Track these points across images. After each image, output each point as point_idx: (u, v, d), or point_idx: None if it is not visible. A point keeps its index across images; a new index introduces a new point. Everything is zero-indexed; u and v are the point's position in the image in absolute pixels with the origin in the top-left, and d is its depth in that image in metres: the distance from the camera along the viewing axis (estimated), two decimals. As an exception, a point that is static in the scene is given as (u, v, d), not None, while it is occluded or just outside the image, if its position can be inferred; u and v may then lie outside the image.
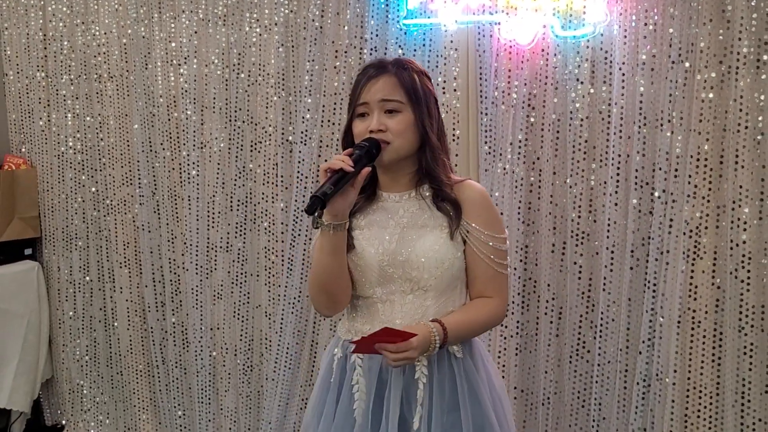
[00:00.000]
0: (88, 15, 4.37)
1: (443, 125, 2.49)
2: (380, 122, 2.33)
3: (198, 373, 4.36)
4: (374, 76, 2.38)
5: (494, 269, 2.38)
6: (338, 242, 2.33)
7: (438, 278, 2.35)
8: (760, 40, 3.01)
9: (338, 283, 2.39)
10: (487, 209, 2.41)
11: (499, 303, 2.42)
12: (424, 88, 2.39)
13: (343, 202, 2.27)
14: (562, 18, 3.37)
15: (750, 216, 3.06)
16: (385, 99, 2.34)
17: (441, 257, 2.34)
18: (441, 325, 2.27)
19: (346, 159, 2.24)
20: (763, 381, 3.13)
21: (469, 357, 2.41)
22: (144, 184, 4.33)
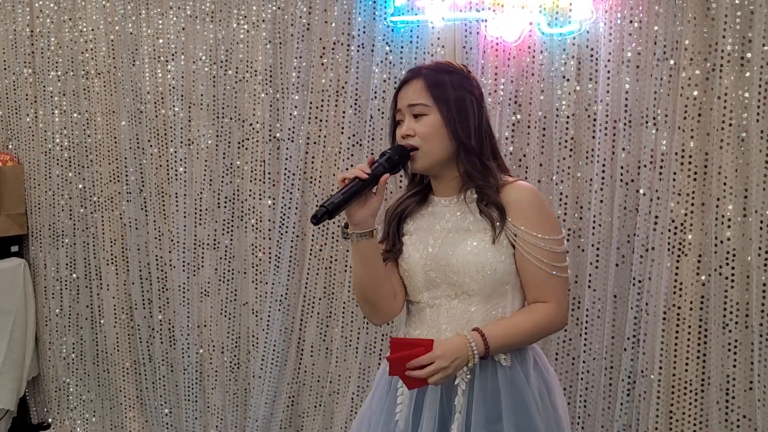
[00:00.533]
0: (75, 11, 4.37)
1: (487, 126, 2.37)
2: (409, 127, 2.31)
3: (185, 370, 4.35)
4: (405, 82, 2.36)
5: (546, 272, 2.27)
6: (367, 251, 2.31)
7: (480, 283, 2.28)
8: (744, 38, 3.03)
9: (376, 291, 2.38)
10: (536, 210, 2.29)
11: (555, 308, 2.31)
12: (457, 89, 2.31)
13: (365, 211, 2.26)
14: (548, 15, 3.38)
15: (734, 213, 3.07)
16: (412, 104, 2.31)
17: (481, 262, 2.27)
18: (481, 334, 2.21)
19: (363, 167, 2.23)
20: (747, 377, 3.14)
21: (518, 365, 2.32)
22: (131, 181, 4.33)
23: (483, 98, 2.39)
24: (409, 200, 2.46)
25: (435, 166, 2.35)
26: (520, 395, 2.29)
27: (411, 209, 2.45)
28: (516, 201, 2.28)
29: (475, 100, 2.34)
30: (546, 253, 2.27)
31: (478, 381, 2.29)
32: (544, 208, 2.33)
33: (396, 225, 2.45)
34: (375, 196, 2.26)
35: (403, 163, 2.32)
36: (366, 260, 2.32)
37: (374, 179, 2.23)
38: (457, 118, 2.29)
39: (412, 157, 2.31)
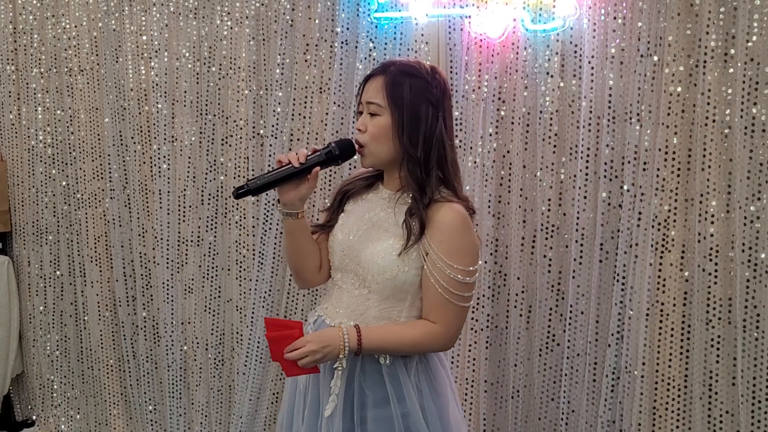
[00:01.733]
0: (58, 8, 4.34)
1: (441, 136, 2.34)
2: (362, 122, 2.38)
3: (169, 367, 4.34)
4: (371, 76, 2.40)
5: (443, 296, 2.30)
6: (290, 228, 2.44)
7: (381, 284, 2.35)
8: (727, 34, 3.03)
9: (299, 263, 2.53)
10: (454, 237, 2.30)
11: (439, 330, 2.34)
12: (415, 95, 2.31)
13: (294, 194, 2.37)
14: (532, 12, 3.37)
15: (717, 209, 3.08)
16: (369, 101, 2.36)
17: (385, 266, 2.33)
18: (357, 331, 2.30)
19: (301, 154, 2.32)
20: (730, 373, 3.15)
21: (402, 366, 2.39)
22: (115, 178, 4.31)
23: (445, 106, 2.37)
24: (359, 181, 2.56)
25: (381, 165, 2.43)
26: (402, 387, 2.37)
27: (357, 190, 2.55)
28: (438, 221, 2.29)
29: (431, 109, 2.33)
30: (448, 280, 2.29)
31: (360, 370, 2.39)
32: (463, 237, 2.31)
33: (339, 201, 2.56)
34: (307, 183, 2.36)
35: (344, 158, 2.39)
36: (291, 237, 2.47)
37: (306, 170, 2.33)
38: (406, 125, 2.31)
39: (361, 153, 2.39)
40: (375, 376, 2.37)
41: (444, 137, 2.36)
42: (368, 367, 2.38)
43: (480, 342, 3.63)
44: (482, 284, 3.58)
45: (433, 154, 2.34)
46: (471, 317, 3.61)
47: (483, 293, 3.59)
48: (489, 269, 3.59)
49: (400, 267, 2.32)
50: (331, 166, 2.40)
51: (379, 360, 2.37)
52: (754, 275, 3.04)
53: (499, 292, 3.63)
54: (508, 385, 3.65)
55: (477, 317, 3.61)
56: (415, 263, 2.32)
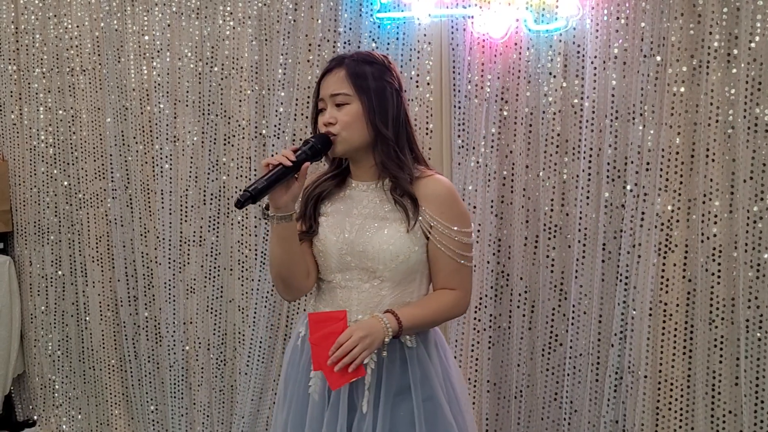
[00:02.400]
0: (60, 8, 4.34)
1: (407, 117, 2.52)
2: (331, 115, 2.42)
3: (171, 367, 4.34)
4: (328, 71, 2.48)
5: (457, 262, 2.45)
6: (284, 233, 2.41)
7: (393, 270, 2.42)
8: (730, 35, 3.03)
9: (291, 270, 2.49)
10: (452, 204, 2.45)
11: (461, 295, 2.50)
12: (377, 80, 2.43)
13: (286, 195, 2.36)
14: (534, 12, 3.37)
15: (720, 209, 3.08)
16: (334, 93, 2.42)
17: (396, 250, 2.40)
18: (395, 315, 2.34)
19: (288, 154, 2.34)
20: (733, 373, 3.15)
21: (422, 346, 2.48)
22: (117, 177, 4.31)
23: (402, 89, 2.51)
24: (327, 182, 2.58)
25: (353, 152, 2.47)
26: (424, 372, 2.46)
27: (329, 191, 2.57)
28: (433, 194, 2.43)
29: (394, 92, 2.47)
30: (458, 244, 2.44)
31: (386, 359, 2.42)
32: (458, 203, 2.49)
33: (313, 206, 2.56)
34: (296, 182, 2.37)
35: (325, 151, 2.43)
36: (284, 242, 2.43)
37: (297, 166, 2.34)
38: (376, 108, 2.41)
39: (333, 142, 2.42)
40: (399, 361, 2.44)
41: (408, 118, 2.53)
42: (394, 354, 2.43)
43: (483, 342, 3.63)
44: (485, 284, 3.58)
45: (402, 134, 2.48)
46: (473, 317, 3.61)
47: (486, 293, 3.59)
48: (492, 269, 3.59)
49: (411, 247, 2.41)
50: (314, 161, 2.42)
51: (406, 343, 2.44)
52: (757, 275, 3.05)
53: (502, 292, 3.64)
54: (511, 385, 3.65)
55: (480, 317, 3.61)
56: (421, 241, 2.43)
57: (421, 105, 3.62)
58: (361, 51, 2.60)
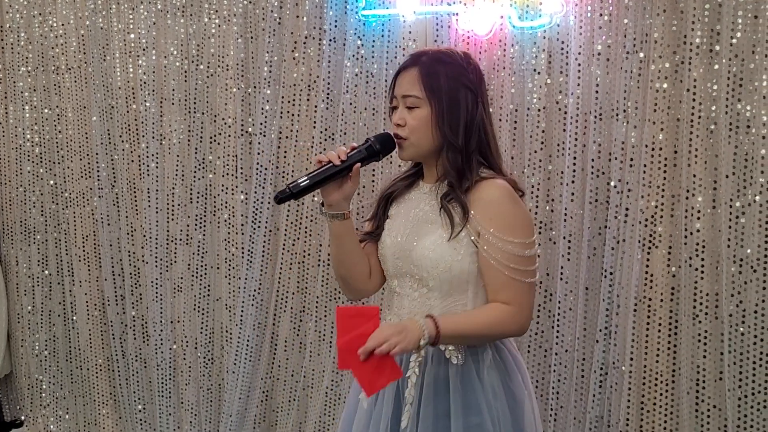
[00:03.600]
0: (45, 6, 4.33)
1: (484, 120, 2.31)
2: (400, 117, 2.30)
3: (158, 366, 4.33)
4: (403, 70, 2.33)
5: (506, 275, 2.21)
6: (338, 231, 2.34)
7: (437, 278, 2.27)
8: (712, 31, 3.05)
9: (348, 269, 2.42)
10: (504, 210, 2.23)
11: (513, 311, 2.23)
12: (451, 81, 2.27)
13: (338, 194, 2.28)
14: (519, 9, 3.38)
15: (703, 205, 3.10)
16: (405, 95, 2.29)
17: (437, 258, 2.25)
18: (434, 320, 2.15)
19: (341, 152, 2.24)
20: (717, 368, 3.17)
21: (471, 363, 2.30)
22: (103, 176, 4.30)
23: (481, 90, 2.33)
24: (400, 183, 2.47)
25: (421, 156, 2.35)
26: (470, 393, 2.27)
27: (399, 192, 2.45)
28: (482, 200, 2.24)
29: (470, 94, 2.29)
30: (508, 256, 2.21)
31: (429, 376, 2.29)
32: (514, 209, 2.26)
33: (384, 207, 2.46)
34: (350, 181, 2.28)
35: (384, 153, 2.31)
36: (337, 239, 2.36)
37: (347, 168, 2.24)
38: (447, 114, 2.26)
39: (400, 145, 2.30)
40: (442, 383, 2.29)
41: (485, 121, 2.32)
42: (438, 372, 2.29)
43: (468, 339, 3.64)
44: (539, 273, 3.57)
45: (473, 140, 2.29)
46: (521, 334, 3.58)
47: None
48: (477, 266, 3.59)
49: (453, 256, 2.24)
50: (371, 161, 2.32)
51: (451, 359, 2.27)
52: (740, 270, 3.06)
53: (488, 288, 3.64)
54: (497, 381, 3.65)
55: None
56: (467, 249, 2.24)
57: (406, 102, 3.62)
58: (441, 48, 2.39)
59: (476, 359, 2.30)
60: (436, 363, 2.29)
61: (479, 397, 2.27)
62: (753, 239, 3.03)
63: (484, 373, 2.29)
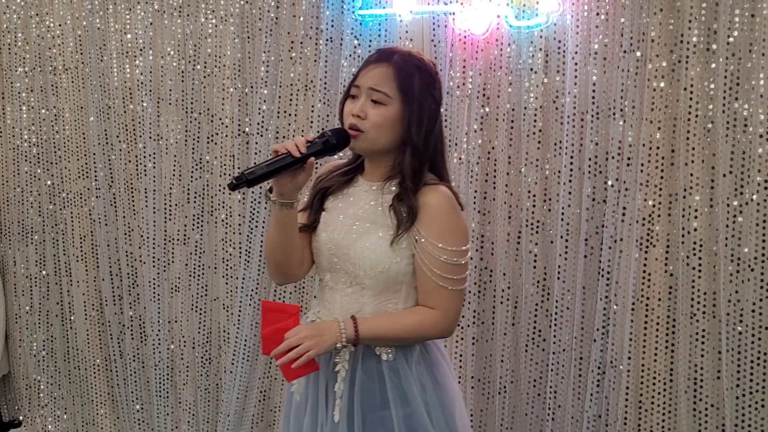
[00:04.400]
0: (42, 7, 4.32)
1: (441, 133, 2.39)
2: (362, 108, 2.30)
3: (156, 366, 4.33)
4: (374, 62, 2.34)
5: (435, 282, 2.28)
6: (284, 219, 2.35)
7: (374, 278, 2.32)
8: (709, 30, 3.04)
9: (285, 256, 2.44)
10: (443, 218, 2.29)
11: (439, 316, 2.31)
12: (422, 89, 2.30)
13: (291, 185, 2.28)
14: (515, 8, 3.38)
15: (701, 204, 3.10)
16: (373, 88, 2.29)
17: (377, 259, 2.30)
18: (353, 320, 2.26)
19: (300, 143, 2.25)
20: (715, 367, 3.16)
21: (403, 359, 2.36)
22: (100, 176, 4.30)
23: (441, 102, 2.41)
24: (338, 177, 2.50)
25: (371, 152, 2.38)
26: (404, 385, 2.34)
27: (336, 186, 2.48)
28: (426, 205, 2.28)
29: (434, 105, 2.35)
30: (439, 264, 2.27)
31: (360, 370, 2.35)
32: (451, 217, 2.30)
33: (320, 199, 2.49)
34: (303, 173, 2.29)
35: (340, 147, 2.33)
36: (282, 227, 2.37)
37: (304, 159, 2.26)
38: (415, 119, 2.29)
39: (355, 137, 2.31)
40: (376, 375, 2.35)
41: (441, 135, 2.39)
42: (369, 366, 2.35)
43: (466, 338, 3.64)
44: (469, 280, 3.57)
45: (430, 149, 2.34)
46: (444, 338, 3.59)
47: (469, 289, 3.59)
48: (475, 265, 3.60)
49: (392, 258, 2.29)
50: (326, 155, 2.34)
51: (381, 355, 2.34)
52: (737, 269, 3.06)
53: (485, 288, 3.64)
54: (495, 381, 3.66)
55: (463, 313, 3.61)
56: (406, 252, 2.30)
57: (403, 102, 3.62)
58: (412, 51, 2.41)
59: (405, 354, 2.37)
60: (366, 357, 2.35)
61: (413, 389, 2.34)
62: (750, 238, 3.03)
63: (413, 367, 2.37)
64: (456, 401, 2.47)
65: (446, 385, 2.45)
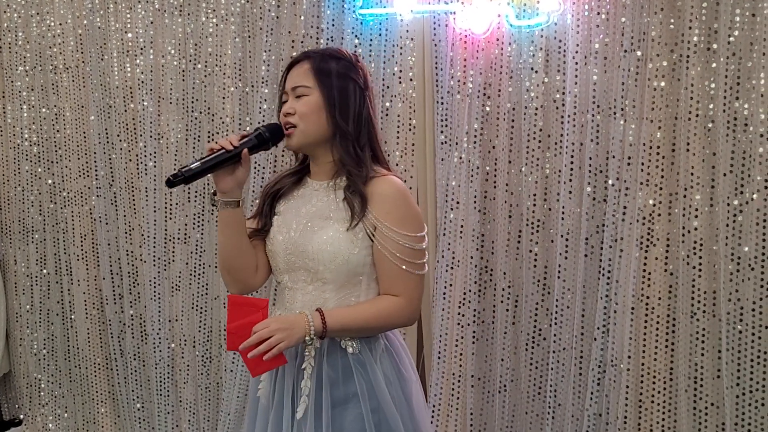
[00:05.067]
0: (42, 6, 4.32)
1: (371, 116, 2.44)
2: (290, 106, 2.37)
3: (156, 365, 4.34)
4: (293, 65, 2.43)
5: (399, 267, 2.33)
6: (230, 220, 2.39)
7: (334, 272, 2.34)
8: (710, 29, 3.05)
9: (236, 262, 2.46)
10: (400, 206, 2.35)
11: (403, 303, 2.36)
12: (341, 75, 2.38)
13: (232, 179, 2.34)
14: (516, 7, 3.38)
15: (701, 203, 3.10)
16: (295, 86, 2.37)
17: (335, 251, 2.32)
18: (321, 315, 2.27)
19: (233, 139, 2.31)
20: (715, 366, 3.17)
21: (369, 353, 2.39)
22: (101, 175, 4.30)
23: (369, 88, 2.45)
24: (286, 179, 2.53)
25: (309, 146, 2.42)
26: (370, 378, 2.37)
27: (286, 189, 2.51)
28: (381, 194, 2.34)
29: (358, 89, 2.41)
30: (402, 249, 2.32)
31: (326, 365, 2.36)
32: (408, 205, 2.37)
33: (270, 203, 2.51)
34: (242, 168, 2.34)
35: (274, 141, 2.39)
36: (229, 229, 2.41)
37: (238, 153, 2.31)
38: (338, 102, 2.36)
39: (289, 135, 2.37)
40: (343, 371, 2.36)
41: (372, 119, 2.44)
42: (335, 360, 2.36)
43: (467, 337, 3.64)
44: (469, 279, 3.59)
45: (364, 132, 2.40)
46: (458, 312, 3.63)
47: (470, 288, 3.60)
48: (475, 264, 3.60)
49: (350, 249, 2.32)
50: (261, 150, 2.40)
51: (347, 349, 2.36)
52: (737, 268, 3.06)
53: (486, 287, 3.65)
54: (495, 379, 3.66)
55: (463, 312, 3.62)
56: (364, 242, 2.34)
57: (403, 101, 3.63)
58: (329, 46, 2.50)
59: (371, 347, 2.41)
60: (332, 352, 2.37)
61: (380, 383, 2.37)
62: (750, 237, 3.03)
63: (379, 361, 2.41)
64: (414, 392, 2.51)
65: (408, 377, 2.50)
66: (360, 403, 2.34)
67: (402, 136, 3.66)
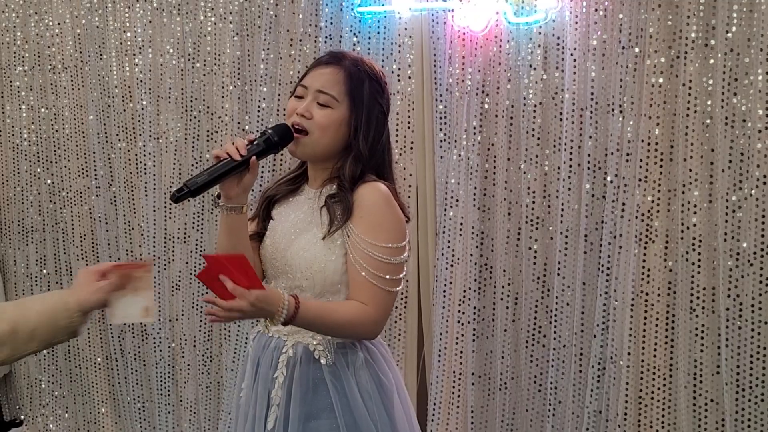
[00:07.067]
0: (41, 5, 4.32)
1: (388, 142, 2.39)
2: (307, 108, 2.27)
3: (157, 364, 4.34)
4: (324, 64, 2.33)
5: (364, 277, 2.21)
6: (232, 224, 2.29)
7: (310, 279, 2.27)
8: (707, 25, 3.05)
9: None
10: (374, 212, 2.25)
11: (368, 311, 2.22)
12: (371, 96, 2.30)
13: (238, 188, 2.24)
14: (514, 4, 3.39)
15: (700, 199, 3.10)
16: (321, 90, 2.27)
17: (311, 258, 2.26)
18: (296, 300, 2.14)
19: (240, 145, 2.20)
20: (714, 362, 3.17)
21: (344, 363, 2.31)
22: (100, 175, 4.30)
23: (388, 113, 2.39)
24: (284, 185, 2.47)
25: (313, 156, 2.34)
26: (346, 392, 2.28)
27: (282, 195, 2.45)
28: (358, 200, 2.25)
29: (382, 115, 2.34)
30: (370, 260, 2.21)
31: (298, 376, 2.29)
32: (386, 212, 2.27)
33: (266, 208, 2.45)
34: (249, 174, 2.24)
35: (283, 144, 2.28)
36: (232, 233, 2.31)
37: (246, 162, 2.20)
38: (362, 126, 2.28)
39: (297, 140, 2.28)
40: (315, 383, 2.29)
41: (389, 142, 2.39)
42: (307, 372, 2.29)
43: (467, 335, 3.64)
44: (468, 277, 3.60)
45: (377, 157, 2.34)
46: (457, 310, 3.62)
47: (469, 286, 3.60)
48: (475, 262, 3.60)
49: (327, 256, 2.25)
50: (270, 154, 2.30)
51: (321, 359, 2.28)
52: (736, 264, 3.07)
53: (486, 284, 3.65)
54: (495, 377, 3.66)
55: (463, 310, 3.62)
56: (341, 250, 2.26)
57: (402, 99, 3.63)
58: (363, 58, 2.39)
59: (347, 359, 2.32)
60: (305, 363, 2.29)
61: (356, 397, 2.28)
62: (749, 233, 3.04)
63: (356, 373, 2.31)
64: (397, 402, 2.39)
65: (390, 388, 2.38)
66: (334, 417, 2.26)
67: (401, 134, 3.66)
